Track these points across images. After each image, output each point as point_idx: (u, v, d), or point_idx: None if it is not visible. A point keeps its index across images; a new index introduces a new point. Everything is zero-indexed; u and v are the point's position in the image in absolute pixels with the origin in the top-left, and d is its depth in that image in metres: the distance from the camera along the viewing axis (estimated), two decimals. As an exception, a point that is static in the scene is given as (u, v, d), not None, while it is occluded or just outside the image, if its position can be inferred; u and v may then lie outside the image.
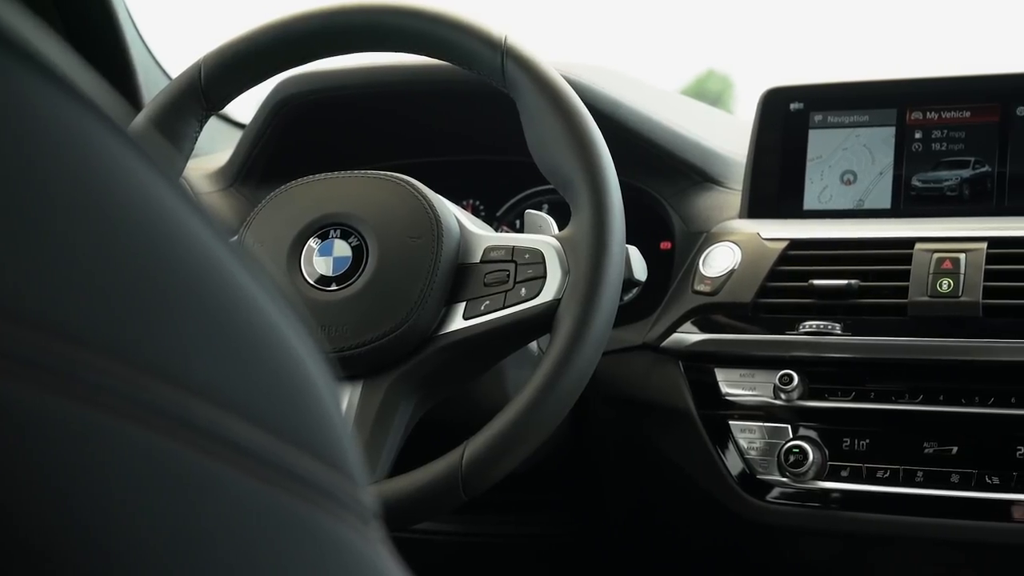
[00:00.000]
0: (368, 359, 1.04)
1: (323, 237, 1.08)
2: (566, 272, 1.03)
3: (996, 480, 1.12)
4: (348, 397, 1.04)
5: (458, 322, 1.05)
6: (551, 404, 0.99)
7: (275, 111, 1.44)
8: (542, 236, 1.08)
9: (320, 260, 1.07)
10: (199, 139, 1.19)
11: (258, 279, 0.29)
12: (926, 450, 1.14)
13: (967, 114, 1.27)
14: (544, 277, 1.04)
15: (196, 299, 0.27)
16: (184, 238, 0.27)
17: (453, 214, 1.09)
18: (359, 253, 1.07)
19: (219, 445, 0.25)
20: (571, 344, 0.99)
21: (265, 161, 1.46)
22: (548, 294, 1.03)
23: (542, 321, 1.03)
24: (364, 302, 1.05)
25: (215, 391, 0.26)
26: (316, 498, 0.28)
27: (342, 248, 1.07)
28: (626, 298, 1.27)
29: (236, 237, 1.11)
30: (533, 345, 1.20)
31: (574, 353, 0.99)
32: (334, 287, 1.06)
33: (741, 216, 1.33)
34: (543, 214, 1.13)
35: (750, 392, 1.21)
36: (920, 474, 1.14)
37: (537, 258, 1.05)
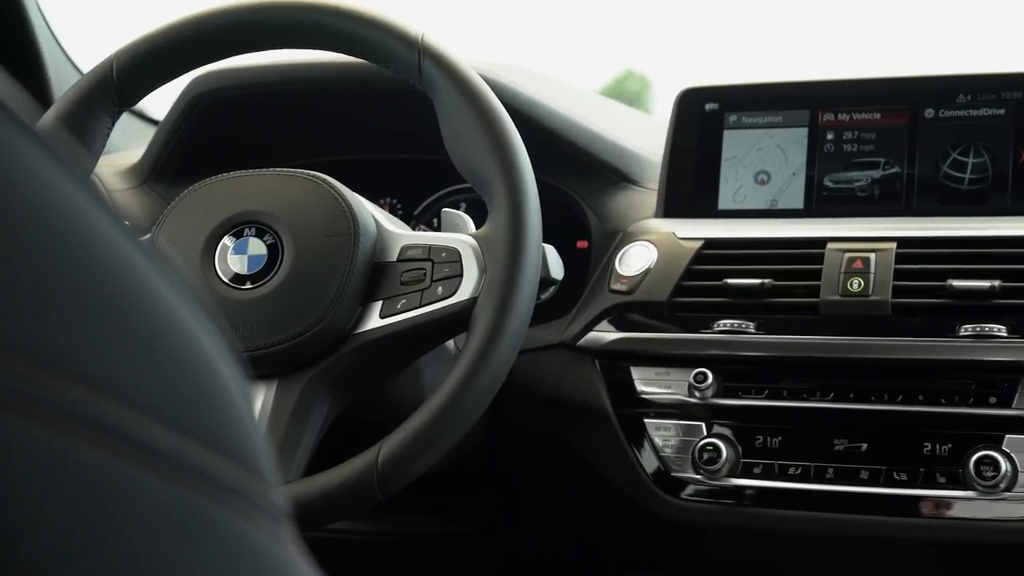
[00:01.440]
0: (283, 358, 1.03)
1: (238, 235, 1.07)
2: (483, 271, 1.03)
3: (904, 476, 1.14)
4: (263, 396, 1.03)
5: (374, 321, 1.05)
6: (467, 403, 0.99)
7: (189, 107, 1.43)
8: (459, 235, 1.08)
9: (235, 258, 1.06)
10: (111, 136, 1.17)
11: (168, 278, 0.29)
12: (837, 447, 1.16)
13: (878, 116, 1.30)
14: (461, 276, 1.04)
15: (103, 299, 0.26)
16: (91, 237, 0.27)
17: (370, 212, 1.09)
18: (274, 251, 1.06)
19: (126, 445, 0.25)
20: (487, 342, 0.99)
21: (179, 158, 1.44)
22: (465, 293, 1.03)
23: (459, 320, 1.03)
24: (279, 301, 1.04)
25: (123, 391, 0.26)
26: (226, 498, 0.28)
27: (257, 246, 1.06)
28: (543, 297, 1.28)
29: (149, 235, 1.10)
30: (450, 344, 1.20)
31: (490, 352, 0.99)
32: (249, 286, 1.05)
33: (657, 215, 1.34)
34: (460, 213, 1.13)
35: (665, 390, 1.22)
36: (831, 471, 1.16)
37: (454, 257, 1.05)
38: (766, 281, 1.20)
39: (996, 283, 1.13)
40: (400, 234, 1.09)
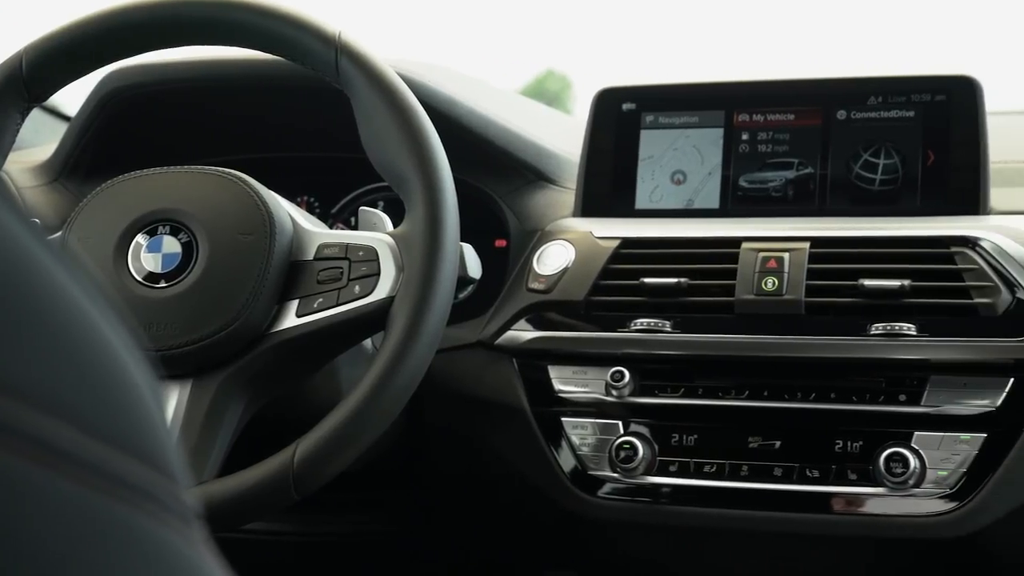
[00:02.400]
0: (197, 357, 1.02)
1: (152, 233, 1.06)
2: (400, 269, 1.03)
3: (816, 473, 1.15)
4: (176, 396, 1.02)
5: (291, 320, 1.04)
6: (384, 402, 0.99)
7: (102, 104, 1.41)
8: (376, 233, 1.07)
9: (148, 257, 1.05)
10: (21, 132, 1.15)
11: (76, 277, 0.29)
12: (751, 445, 1.17)
13: (791, 117, 1.31)
14: (378, 275, 1.03)
15: (7, 299, 0.26)
16: None
17: (286, 211, 1.08)
18: (189, 250, 1.05)
19: (32, 447, 0.25)
20: (404, 342, 0.99)
21: (92, 155, 1.42)
22: (382, 292, 1.03)
23: (376, 319, 1.03)
24: (194, 299, 1.03)
25: (28, 392, 0.25)
26: (135, 500, 0.27)
27: (171, 244, 1.05)
28: (460, 296, 1.28)
29: (59, 234, 1.08)
30: (367, 343, 1.19)
31: (407, 351, 0.99)
32: (163, 284, 1.04)
33: (575, 215, 1.35)
34: (377, 211, 1.13)
35: (582, 389, 1.22)
36: (745, 468, 1.17)
37: (371, 255, 1.04)
38: (682, 280, 1.21)
39: (906, 282, 1.15)
40: (317, 232, 1.09)
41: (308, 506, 1.06)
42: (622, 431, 1.20)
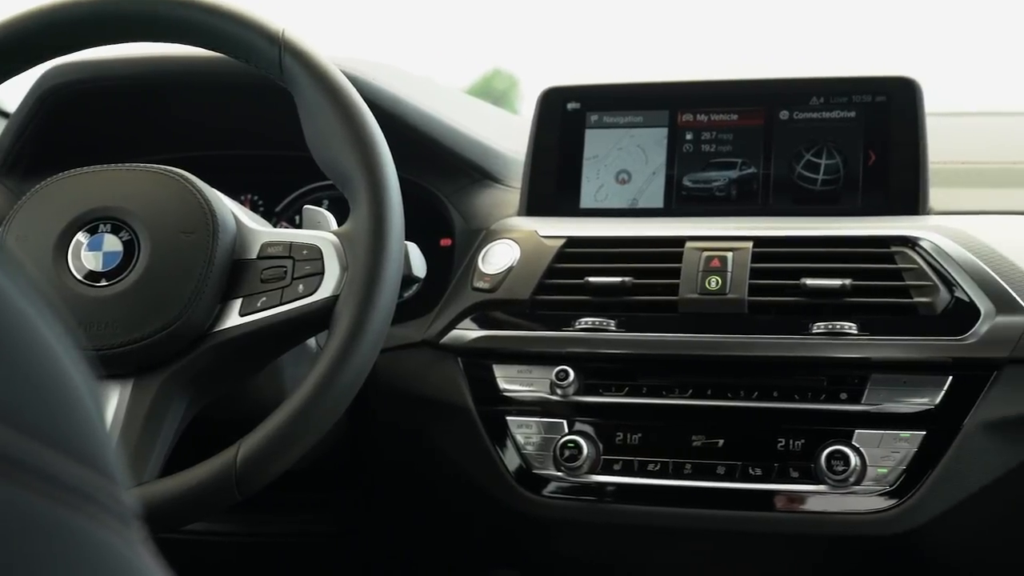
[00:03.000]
0: (139, 357, 1.01)
1: (92, 231, 1.05)
2: (344, 268, 1.03)
3: (759, 471, 1.16)
4: (117, 396, 1.01)
5: (234, 319, 1.04)
6: (328, 401, 0.98)
7: (41, 100, 1.39)
8: (320, 232, 1.07)
9: (89, 255, 1.04)
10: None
11: (12, 275, 0.28)
12: (694, 443, 1.18)
13: (735, 117, 1.32)
14: (322, 273, 1.03)
15: None
16: None
17: (229, 209, 1.07)
18: (130, 248, 1.04)
19: None
20: (348, 341, 0.99)
21: (31, 152, 1.41)
22: (326, 290, 1.02)
23: (320, 318, 1.02)
24: (135, 298, 1.02)
25: None
26: (73, 501, 0.27)
27: (112, 243, 1.04)
28: (405, 295, 1.27)
29: None
30: (311, 342, 1.19)
31: (351, 350, 0.98)
32: (104, 283, 1.03)
33: (520, 214, 1.35)
34: (322, 210, 1.13)
35: (527, 388, 1.23)
36: (688, 467, 1.18)
37: (315, 254, 1.04)
38: (626, 279, 1.22)
39: (847, 282, 1.16)
40: (260, 231, 1.08)
41: (252, 506, 1.06)
42: (567, 430, 1.21)
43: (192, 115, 1.45)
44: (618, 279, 1.22)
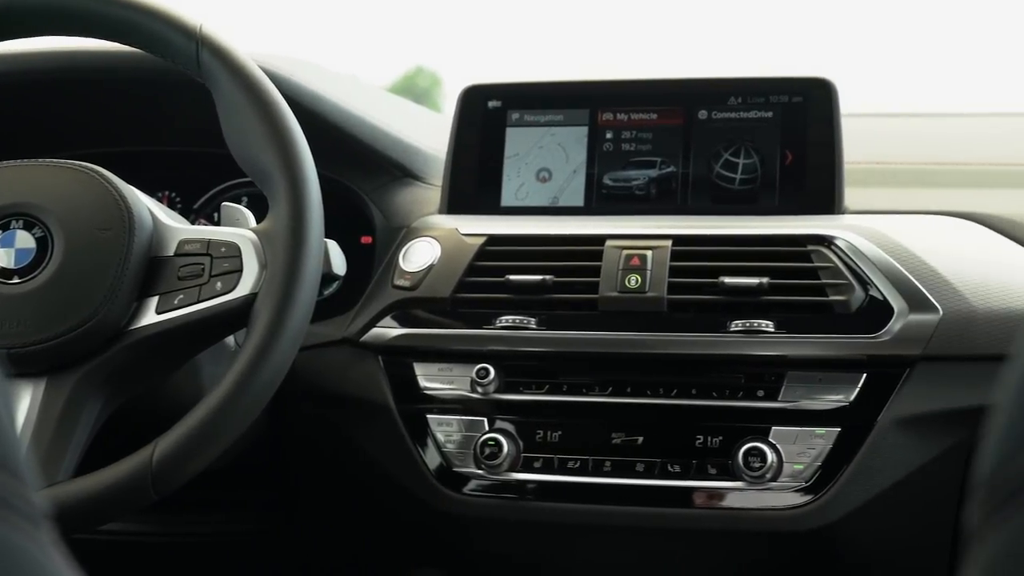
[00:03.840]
0: (52, 355, 1.00)
1: (4, 228, 1.03)
2: (263, 266, 1.02)
3: (677, 468, 1.17)
4: (30, 395, 0.99)
5: (150, 317, 1.03)
6: (246, 399, 0.98)
7: None
8: (239, 229, 1.06)
9: (0, 252, 1.03)
10: None
11: None
12: (614, 440, 1.19)
13: (654, 116, 1.33)
14: (240, 271, 1.02)
15: None
16: None
17: (146, 206, 1.06)
18: (44, 245, 1.02)
19: None
20: (267, 338, 0.98)
21: (-59, 147, 1.38)
22: (244, 288, 1.02)
23: (238, 315, 1.01)
24: (48, 296, 1.01)
25: None
26: None
27: (25, 239, 1.03)
28: (325, 292, 1.27)
29: None
30: (230, 340, 1.18)
31: (270, 348, 0.98)
32: (16, 280, 1.02)
33: (441, 212, 1.35)
34: (240, 207, 1.12)
35: (448, 386, 1.23)
36: (608, 464, 1.18)
37: (233, 251, 1.03)
38: (547, 278, 1.22)
39: (764, 280, 1.17)
40: (178, 228, 1.07)
41: (168, 505, 1.05)
42: (487, 428, 1.21)
43: (107, 110, 1.43)
44: (539, 277, 1.22)
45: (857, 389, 1.14)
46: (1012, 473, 0.30)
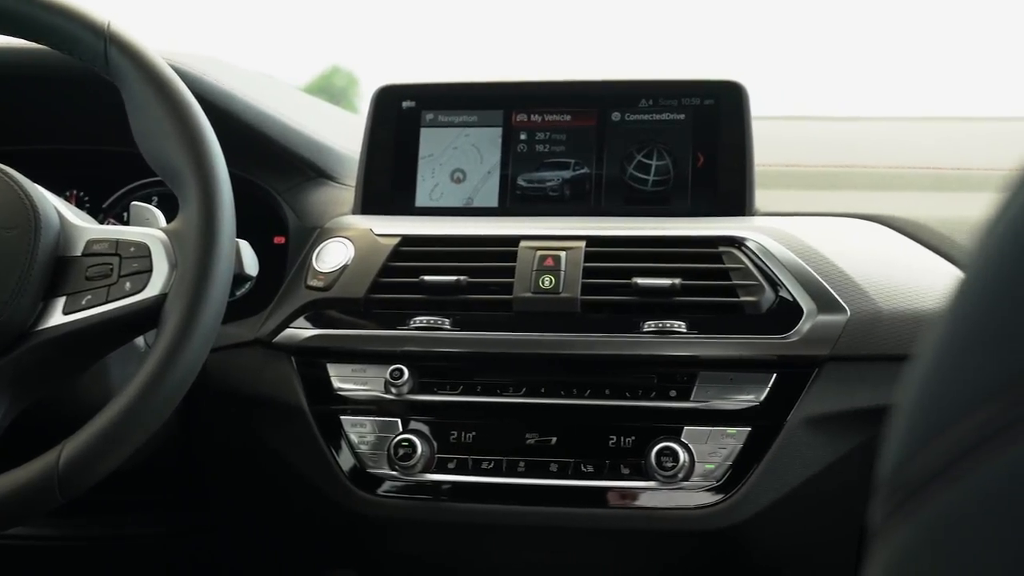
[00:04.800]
0: None
1: None
2: (173, 266, 1.01)
3: (591, 468, 1.17)
4: None
5: (57, 317, 1.01)
6: (155, 401, 0.97)
7: None
8: (149, 229, 1.05)
9: None
10: None
11: None
12: (528, 441, 1.19)
13: (568, 118, 1.34)
14: (150, 271, 1.01)
15: None
16: None
17: (53, 205, 1.05)
18: None
19: None
20: (177, 339, 0.97)
21: None
22: (154, 288, 1.00)
23: (148, 316, 1.00)
24: None
25: None
26: None
27: None
28: (237, 293, 1.26)
29: None
30: (140, 341, 1.17)
31: (180, 349, 0.97)
32: None
33: (355, 212, 1.34)
34: (150, 206, 1.10)
35: (362, 387, 1.22)
36: (522, 464, 1.18)
37: (143, 251, 1.02)
38: (461, 278, 1.22)
39: (677, 281, 1.18)
40: (86, 228, 1.06)
41: (77, 509, 1.03)
42: (401, 429, 1.20)
43: (13, 108, 1.41)
44: (453, 278, 1.22)
45: (767, 389, 1.15)
46: (912, 472, 0.30)
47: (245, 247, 1.10)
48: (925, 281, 1.20)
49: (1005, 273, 0.29)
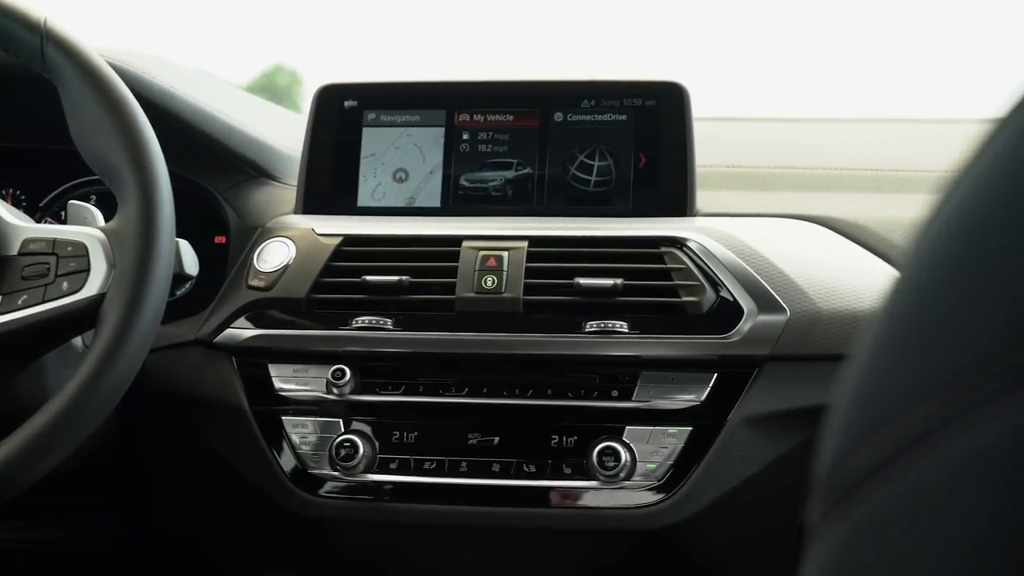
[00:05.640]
0: None
1: None
2: (112, 266, 1.00)
3: (533, 468, 1.17)
4: None
5: None
6: (93, 402, 0.96)
7: None
8: (87, 228, 1.04)
9: None
10: None
11: None
12: (470, 441, 1.19)
13: (510, 118, 1.34)
14: (88, 271, 1.00)
15: None
16: None
17: None
18: None
19: None
20: (115, 339, 0.96)
21: None
22: (92, 288, 0.99)
23: (85, 316, 0.99)
24: None
25: None
26: None
27: None
28: (177, 293, 1.25)
29: None
30: (78, 341, 1.15)
31: (118, 349, 0.96)
32: None
33: (296, 212, 1.34)
34: (88, 206, 1.09)
35: (303, 387, 1.21)
36: (464, 464, 1.18)
37: (80, 251, 1.01)
38: (404, 278, 1.22)
39: (619, 281, 1.19)
40: (22, 227, 1.04)
41: (10, 511, 1.02)
42: (343, 429, 1.20)
43: None
44: (395, 278, 1.22)
45: (708, 389, 1.16)
46: (847, 471, 0.31)
47: (185, 246, 1.09)
48: (863, 281, 1.21)
49: (939, 274, 0.29)
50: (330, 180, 1.35)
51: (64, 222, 1.26)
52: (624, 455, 1.14)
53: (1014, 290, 0.26)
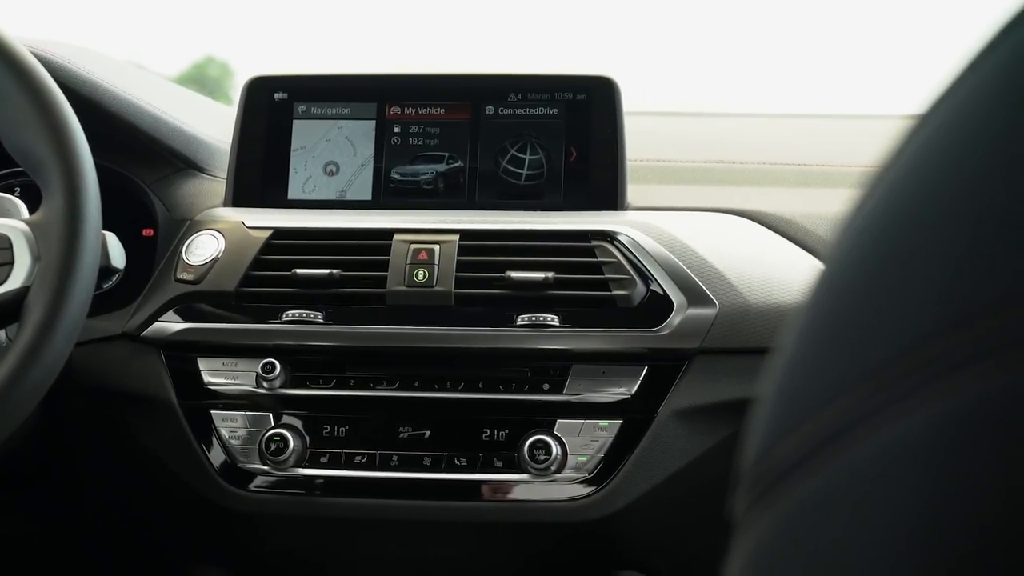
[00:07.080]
0: None
1: None
2: (36, 258, 0.99)
3: (464, 462, 1.17)
4: None
5: None
6: (17, 397, 0.94)
7: None
8: (10, 220, 1.02)
9: None
10: None
11: None
12: (401, 435, 1.19)
13: (442, 111, 1.34)
14: (11, 263, 0.99)
15: None
16: None
17: None
18: None
19: None
20: (40, 333, 0.95)
21: None
22: (16, 281, 0.98)
23: (9, 310, 0.98)
24: None
25: None
26: None
27: None
28: (104, 286, 1.23)
29: None
30: (1, 335, 1.14)
31: (43, 343, 0.95)
32: None
33: (226, 204, 1.33)
34: (12, 197, 1.08)
35: (233, 381, 1.21)
36: (395, 458, 1.18)
37: (4, 243, 0.99)
38: (334, 271, 1.21)
39: (550, 275, 1.19)
40: None
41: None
42: (273, 423, 1.19)
43: None
44: (326, 271, 1.21)
45: (639, 382, 1.17)
46: (772, 463, 0.31)
47: (111, 239, 1.08)
48: (792, 275, 1.22)
49: (862, 267, 0.29)
50: (260, 173, 1.34)
51: (-13, 214, 1.24)
52: (555, 448, 1.15)
53: (935, 281, 0.26)
